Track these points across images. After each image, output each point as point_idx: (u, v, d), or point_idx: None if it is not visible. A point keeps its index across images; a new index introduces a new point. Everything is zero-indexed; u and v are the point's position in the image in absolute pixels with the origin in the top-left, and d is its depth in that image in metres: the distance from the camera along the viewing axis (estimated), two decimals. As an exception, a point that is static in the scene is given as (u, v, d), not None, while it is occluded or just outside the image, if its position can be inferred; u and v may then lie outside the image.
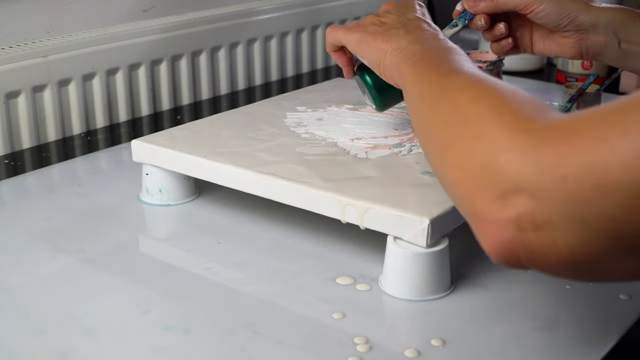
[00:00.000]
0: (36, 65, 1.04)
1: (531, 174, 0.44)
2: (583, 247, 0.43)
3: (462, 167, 0.49)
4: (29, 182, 0.95)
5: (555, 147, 0.43)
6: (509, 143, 0.46)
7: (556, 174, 0.43)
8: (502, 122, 0.47)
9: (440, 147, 0.53)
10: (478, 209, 0.47)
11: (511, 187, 0.44)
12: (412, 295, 0.67)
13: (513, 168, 0.45)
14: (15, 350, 0.61)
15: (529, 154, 0.44)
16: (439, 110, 0.55)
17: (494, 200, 0.45)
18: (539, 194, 0.43)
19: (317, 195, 0.72)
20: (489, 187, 0.46)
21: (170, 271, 0.73)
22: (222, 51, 1.28)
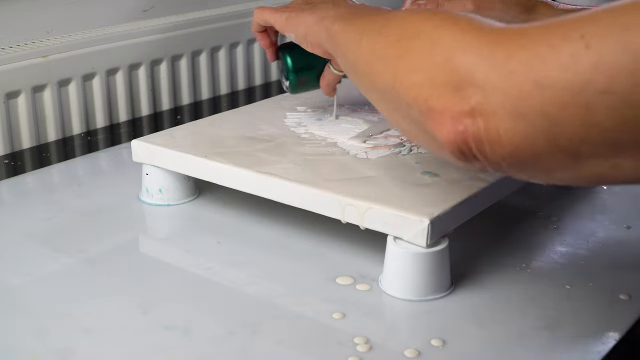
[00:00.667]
0: (36, 65, 1.04)
1: (483, 69, 0.47)
2: (522, 141, 0.46)
3: (418, 69, 0.51)
4: (29, 182, 0.95)
5: (505, 46, 0.46)
6: (465, 44, 0.48)
7: (504, 69, 0.46)
8: (458, 28, 0.50)
9: (391, 62, 0.54)
10: (434, 104, 0.49)
11: (466, 82, 0.47)
12: (412, 295, 0.67)
13: (468, 65, 0.48)
14: (15, 350, 0.61)
15: (483, 52, 0.47)
16: (387, 35, 0.56)
17: (450, 94, 0.48)
18: (488, 87, 0.46)
19: (317, 195, 0.72)
20: (446, 84, 0.49)
21: (170, 271, 0.73)
22: (222, 51, 1.28)
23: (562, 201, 0.87)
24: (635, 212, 0.85)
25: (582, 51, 0.43)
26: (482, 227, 0.78)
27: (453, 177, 0.74)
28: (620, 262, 0.74)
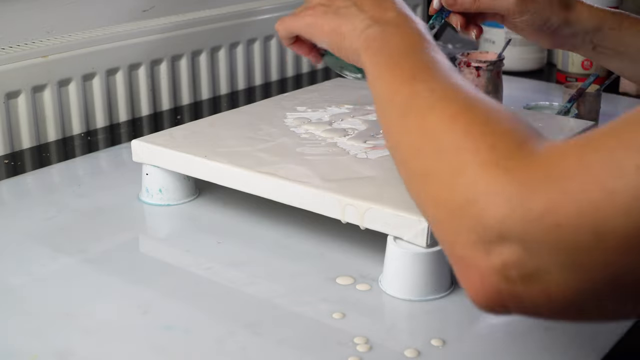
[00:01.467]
0: (36, 65, 1.04)
1: (519, 221, 0.40)
2: (579, 293, 0.40)
3: (440, 205, 0.45)
4: (29, 182, 0.95)
5: (543, 192, 0.40)
6: (491, 184, 0.42)
7: (548, 222, 0.39)
8: (480, 158, 0.43)
9: (414, 176, 0.49)
10: (458, 253, 0.43)
11: (496, 235, 0.41)
12: (412, 295, 0.67)
13: (497, 214, 0.41)
14: (15, 350, 0.61)
15: (514, 199, 0.40)
16: (409, 128, 0.50)
17: (476, 246, 0.42)
18: (528, 243, 0.40)
19: (317, 195, 0.72)
20: (470, 232, 0.42)
21: (170, 271, 0.73)
22: (222, 51, 1.28)
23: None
24: (635, 212, 0.85)
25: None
26: (482, 227, 0.78)
27: (453, 177, 0.74)
28: (620, 262, 0.74)
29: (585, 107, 1.07)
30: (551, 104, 1.07)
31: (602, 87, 1.09)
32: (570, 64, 1.31)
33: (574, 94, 1.05)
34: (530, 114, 0.95)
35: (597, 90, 1.08)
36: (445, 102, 0.49)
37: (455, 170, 0.44)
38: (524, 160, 0.42)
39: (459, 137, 0.46)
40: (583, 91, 1.05)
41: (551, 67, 1.43)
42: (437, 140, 0.47)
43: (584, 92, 1.05)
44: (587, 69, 1.30)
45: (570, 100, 1.04)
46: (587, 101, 1.07)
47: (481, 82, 1.04)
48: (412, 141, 0.50)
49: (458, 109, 0.48)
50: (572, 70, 1.31)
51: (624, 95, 1.29)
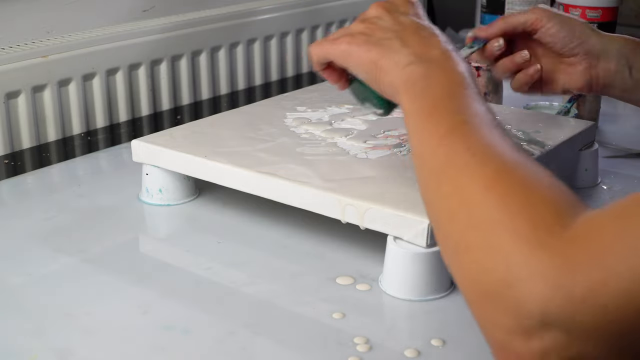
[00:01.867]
0: (36, 65, 1.04)
1: (561, 305, 0.38)
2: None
3: (476, 284, 0.43)
4: (29, 182, 0.95)
5: (585, 272, 0.38)
6: (530, 265, 0.39)
7: (592, 304, 0.37)
8: (516, 234, 0.41)
9: (448, 242, 0.47)
10: (496, 336, 0.42)
11: (537, 320, 0.39)
12: (412, 295, 0.67)
13: (538, 298, 0.39)
14: (15, 350, 0.61)
15: (555, 281, 0.38)
16: (442, 189, 0.49)
17: (515, 330, 0.40)
18: (572, 328, 0.38)
19: (317, 195, 0.72)
20: (509, 316, 0.40)
21: (170, 271, 0.73)
22: (222, 51, 1.28)
23: (562, 201, 0.87)
24: (635, 212, 0.84)
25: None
26: (482, 227, 0.78)
27: (453, 177, 0.74)
28: (620, 262, 0.74)
29: (585, 107, 1.07)
30: (551, 104, 1.07)
31: (602, 87, 1.09)
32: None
33: (574, 94, 1.05)
34: (530, 114, 0.95)
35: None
36: (481, 165, 0.47)
37: (491, 247, 0.42)
38: (562, 237, 0.40)
39: (494, 208, 0.44)
40: (583, 91, 1.05)
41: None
42: (471, 211, 0.45)
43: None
44: (587, 69, 1.29)
45: (570, 100, 1.04)
46: (587, 101, 1.07)
47: (481, 82, 1.04)
48: (446, 205, 0.48)
49: (494, 175, 0.46)
50: (572, 70, 1.31)
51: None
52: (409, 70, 0.59)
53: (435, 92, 0.56)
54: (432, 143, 0.52)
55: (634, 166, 0.98)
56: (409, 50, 0.60)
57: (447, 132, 0.51)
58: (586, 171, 0.91)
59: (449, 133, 0.51)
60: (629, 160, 1.00)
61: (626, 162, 0.99)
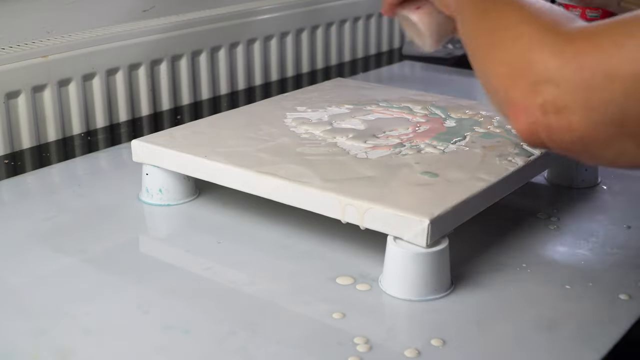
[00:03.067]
0: (36, 65, 1.04)
1: (556, 66, 0.51)
2: (593, 129, 0.51)
3: (503, 62, 0.56)
4: (29, 182, 0.95)
5: (576, 45, 0.51)
6: (542, 43, 0.53)
7: (574, 65, 0.50)
8: (538, 26, 0.55)
9: (486, 48, 0.59)
10: (512, 96, 0.55)
11: (541, 78, 0.52)
12: (412, 295, 0.67)
13: (543, 62, 0.52)
14: (15, 350, 0.61)
15: (556, 50, 0.52)
16: (488, 20, 0.60)
17: (526, 88, 0.53)
18: (561, 83, 0.51)
19: (317, 195, 0.72)
20: (524, 78, 0.53)
21: (170, 271, 0.73)
22: (222, 51, 1.28)
23: (562, 201, 0.87)
24: (635, 212, 0.85)
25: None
26: (482, 227, 0.78)
27: (453, 177, 0.74)
28: (620, 262, 0.74)
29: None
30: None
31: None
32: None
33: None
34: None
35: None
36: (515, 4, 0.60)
37: (518, 35, 0.55)
38: (568, 28, 0.53)
39: (524, 16, 0.57)
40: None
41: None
42: (508, 20, 0.58)
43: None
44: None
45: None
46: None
47: None
48: (488, 26, 0.60)
49: (526, 2, 0.59)
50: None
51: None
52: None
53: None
54: (481, 8, 0.63)
55: (634, 166, 0.98)
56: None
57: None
58: (586, 171, 0.91)
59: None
60: (629, 160, 1.00)
61: (626, 162, 0.99)
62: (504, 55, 0.57)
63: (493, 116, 0.91)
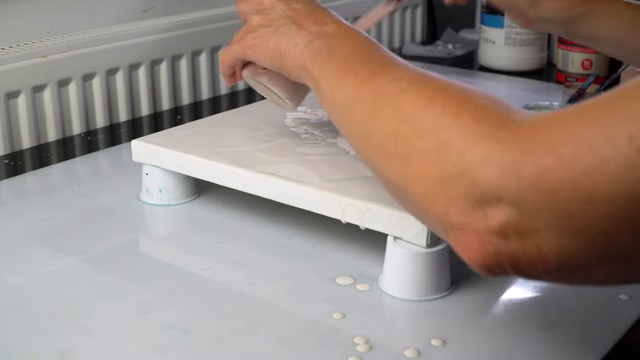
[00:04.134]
0: (36, 65, 1.04)
1: (513, 187, 0.41)
2: (571, 255, 0.41)
3: (427, 180, 0.45)
4: (29, 182, 0.95)
5: (535, 158, 0.41)
6: (481, 155, 0.42)
7: (541, 187, 0.40)
8: (465, 130, 0.44)
9: (392, 159, 0.49)
10: (454, 221, 0.44)
11: (491, 199, 0.42)
12: (412, 295, 0.67)
13: (491, 181, 0.42)
14: (15, 350, 0.61)
15: (507, 166, 0.41)
16: (380, 119, 0.50)
17: (471, 211, 0.43)
18: (523, 206, 0.41)
19: (317, 195, 0.72)
20: (465, 199, 0.43)
21: (170, 271, 0.73)
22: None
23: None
24: (635, 212, 0.85)
25: (635, 157, 0.38)
26: (482, 227, 0.78)
27: (453, 177, 0.74)
28: (620, 262, 0.74)
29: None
30: (551, 104, 1.07)
31: (602, 87, 1.09)
32: (570, 64, 1.31)
33: (574, 94, 1.05)
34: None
35: (597, 90, 1.08)
36: (416, 87, 0.49)
37: (442, 146, 0.45)
38: (514, 130, 0.43)
39: (439, 116, 0.46)
40: (583, 91, 1.05)
41: (551, 67, 1.43)
42: (415, 123, 0.47)
43: (584, 92, 1.05)
44: (587, 69, 1.30)
45: (570, 100, 1.04)
46: (587, 101, 1.06)
47: None
48: (386, 127, 0.49)
49: (432, 91, 0.48)
50: (572, 70, 1.31)
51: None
52: (310, 47, 0.62)
53: (344, 53, 0.58)
54: (357, 89, 0.53)
55: (634, 166, 0.98)
56: (306, 31, 0.63)
57: (371, 75, 0.53)
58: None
59: (373, 75, 0.53)
60: (629, 160, 1.00)
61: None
62: (426, 172, 0.45)
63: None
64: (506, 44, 1.39)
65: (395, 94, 0.50)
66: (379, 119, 0.50)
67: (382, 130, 0.49)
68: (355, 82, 0.54)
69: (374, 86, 0.52)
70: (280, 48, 0.64)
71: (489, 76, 1.40)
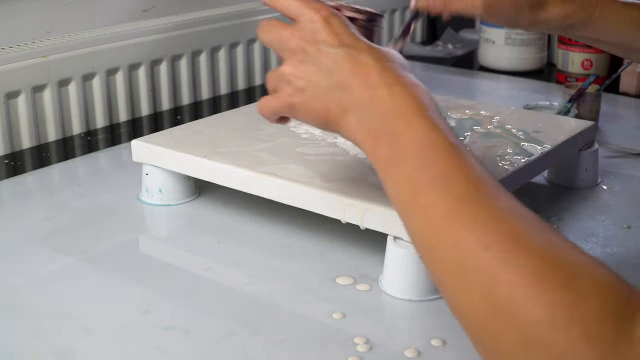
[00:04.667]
0: (36, 65, 1.04)
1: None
2: None
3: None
4: (29, 182, 0.95)
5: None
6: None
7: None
8: (576, 335, 0.39)
9: (483, 343, 0.44)
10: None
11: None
12: (412, 295, 0.67)
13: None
14: (15, 350, 0.61)
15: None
16: (468, 302, 0.44)
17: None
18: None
19: (317, 195, 0.72)
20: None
21: (170, 271, 0.73)
22: (222, 51, 1.28)
23: (562, 201, 0.87)
24: (635, 212, 0.85)
25: None
26: (482, 227, 0.78)
27: (453, 177, 0.74)
28: (620, 262, 0.74)
29: (585, 107, 1.07)
30: (551, 104, 1.07)
31: (602, 87, 1.09)
32: (570, 64, 1.31)
33: (574, 94, 1.05)
34: (530, 114, 0.95)
35: (597, 90, 1.08)
36: (505, 264, 0.42)
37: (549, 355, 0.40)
38: (621, 348, 0.38)
39: (545, 324, 0.40)
40: (583, 91, 1.05)
41: (551, 67, 1.43)
42: (519, 330, 0.41)
43: (584, 92, 1.05)
44: (587, 69, 1.30)
45: (570, 100, 1.04)
46: (587, 101, 1.07)
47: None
48: (481, 322, 0.44)
49: (531, 276, 0.41)
50: (572, 70, 1.31)
51: (624, 95, 1.29)
52: (364, 125, 0.53)
53: (407, 156, 0.50)
54: (433, 233, 0.47)
55: (634, 166, 0.98)
56: (355, 98, 0.54)
57: (448, 217, 0.46)
58: (586, 171, 0.91)
59: (451, 219, 0.46)
60: (629, 160, 1.00)
61: (626, 162, 0.99)
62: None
63: (493, 116, 0.91)
64: (506, 44, 1.39)
65: (486, 275, 0.43)
66: (469, 303, 0.44)
67: (477, 321, 0.44)
68: (427, 223, 0.47)
69: (456, 246, 0.45)
70: (330, 116, 0.55)
71: (489, 76, 1.40)
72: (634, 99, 1.27)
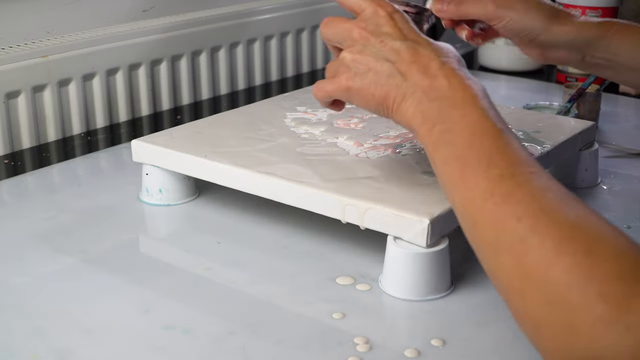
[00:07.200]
0: (36, 65, 1.04)
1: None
2: None
3: (559, 354, 0.46)
4: (29, 182, 0.95)
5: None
6: (611, 346, 0.42)
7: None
8: (592, 312, 0.43)
9: (523, 318, 0.49)
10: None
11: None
12: (412, 295, 0.67)
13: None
14: (15, 350, 0.61)
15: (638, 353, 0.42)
16: (504, 267, 0.49)
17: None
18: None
19: (317, 195, 0.72)
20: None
21: (170, 271, 0.73)
22: (222, 51, 1.28)
23: (562, 201, 0.87)
24: (635, 212, 0.85)
25: None
26: (482, 227, 0.78)
27: (453, 177, 0.74)
28: (620, 262, 0.74)
29: (585, 107, 1.07)
30: (551, 104, 1.07)
31: (602, 87, 1.09)
32: (570, 64, 1.31)
33: (574, 94, 1.05)
34: (530, 114, 0.95)
35: (597, 90, 1.08)
36: (538, 237, 0.48)
37: (570, 326, 0.44)
38: (633, 305, 0.42)
39: (564, 288, 0.45)
40: (583, 91, 1.05)
41: (551, 67, 1.43)
42: (540, 288, 0.46)
43: (584, 92, 1.05)
44: (587, 69, 1.29)
45: (570, 100, 1.04)
46: (587, 101, 1.07)
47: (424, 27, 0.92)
48: (511, 281, 0.49)
49: (555, 247, 0.47)
50: (572, 70, 1.31)
51: (624, 95, 1.29)
52: (420, 109, 0.58)
53: (458, 139, 0.55)
54: (475, 206, 0.52)
55: (634, 166, 0.98)
56: (414, 84, 0.59)
57: (488, 193, 0.51)
58: (586, 171, 0.91)
59: (491, 194, 0.51)
60: (629, 160, 1.00)
61: (626, 162, 0.99)
62: (557, 346, 0.46)
63: (493, 116, 0.91)
64: (506, 44, 1.39)
65: (517, 241, 0.49)
66: (503, 266, 0.50)
67: (508, 282, 0.49)
68: (470, 197, 0.53)
69: (495, 220, 0.50)
70: (388, 102, 0.60)
71: (489, 76, 1.40)
72: (634, 99, 1.27)
